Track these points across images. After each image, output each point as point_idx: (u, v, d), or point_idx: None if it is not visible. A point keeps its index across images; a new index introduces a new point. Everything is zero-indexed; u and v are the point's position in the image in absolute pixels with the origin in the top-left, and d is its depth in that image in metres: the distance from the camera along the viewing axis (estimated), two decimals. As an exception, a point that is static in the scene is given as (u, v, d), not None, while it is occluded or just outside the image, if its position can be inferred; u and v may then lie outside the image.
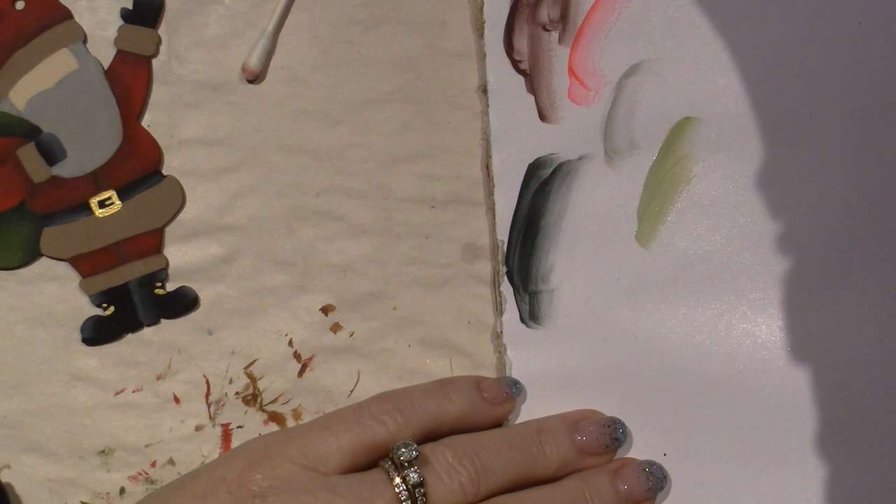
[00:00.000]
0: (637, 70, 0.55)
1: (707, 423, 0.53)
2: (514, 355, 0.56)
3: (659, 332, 0.54)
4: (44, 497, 0.58)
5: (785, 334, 0.53)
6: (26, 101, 0.56)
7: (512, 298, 0.57)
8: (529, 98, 0.57)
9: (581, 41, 0.55)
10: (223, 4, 0.59)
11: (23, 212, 0.57)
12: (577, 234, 0.56)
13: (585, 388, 0.55)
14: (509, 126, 0.57)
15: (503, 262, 0.57)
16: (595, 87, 0.56)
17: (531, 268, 0.56)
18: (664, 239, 0.55)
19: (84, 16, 0.58)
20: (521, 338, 0.56)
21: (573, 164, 0.56)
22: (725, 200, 0.54)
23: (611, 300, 0.55)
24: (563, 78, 0.56)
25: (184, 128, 0.58)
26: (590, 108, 0.56)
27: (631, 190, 0.55)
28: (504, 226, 0.57)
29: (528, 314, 0.56)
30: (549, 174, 0.56)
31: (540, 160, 0.56)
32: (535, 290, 0.56)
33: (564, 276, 0.56)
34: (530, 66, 0.56)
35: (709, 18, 0.54)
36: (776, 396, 0.52)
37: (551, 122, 0.56)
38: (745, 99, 0.54)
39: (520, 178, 0.57)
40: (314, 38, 0.59)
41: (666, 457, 0.53)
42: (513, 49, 0.56)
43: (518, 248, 0.56)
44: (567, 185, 0.56)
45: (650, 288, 0.55)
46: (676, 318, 0.54)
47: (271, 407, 0.59)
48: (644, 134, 0.55)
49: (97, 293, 0.58)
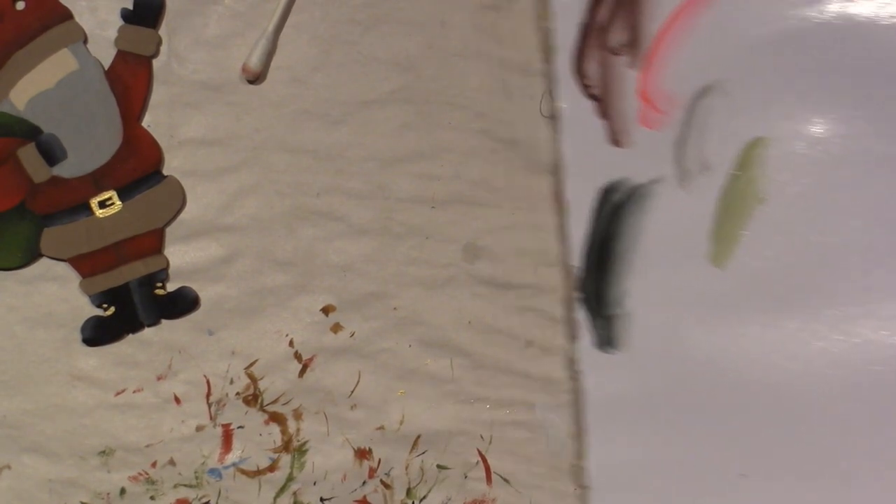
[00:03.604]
0: (708, 91, 0.55)
1: (785, 443, 0.53)
2: (590, 381, 0.56)
3: (734, 353, 0.54)
4: (44, 497, 0.58)
5: (861, 352, 0.53)
6: (27, 101, 0.56)
7: (587, 324, 0.57)
8: (600, 123, 0.57)
9: (652, 64, 0.55)
10: (223, 4, 0.58)
11: (23, 212, 0.57)
12: (650, 257, 0.56)
13: (663, 410, 0.55)
14: (581, 152, 0.57)
15: (577, 288, 0.57)
16: (666, 110, 0.56)
17: (606, 293, 0.56)
18: (738, 259, 0.55)
19: (84, 16, 0.57)
20: (597, 363, 0.56)
21: (645, 187, 0.56)
22: (799, 219, 0.54)
23: (686, 322, 0.55)
24: (634, 101, 0.56)
25: (184, 128, 0.58)
26: (661, 130, 0.56)
27: (704, 211, 0.55)
28: (577, 251, 0.57)
29: (603, 339, 0.57)
30: (622, 198, 0.56)
31: (612, 184, 0.56)
32: (609, 315, 0.56)
33: (639, 300, 0.56)
34: (601, 91, 0.56)
35: (781, 39, 0.54)
36: (854, 414, 0.52)
37: (623, 146, 0.56)
38: (817, 118, 0.54)
39: (592, 203, 0.57)
40: (314, 38, 0.59)
41: (743, 478, 0.54)
42: (583, 75, 0.56)
43: (592, 273, 0.56)
44: (640, 209, 0.56)
45: (725, 308, 0.55)
46: (752, 339, 0.54)
47: (272, 407, 0.59)
48: (716, 155, 0.55)
49: (97, 293, 0.58)
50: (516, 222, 0.59)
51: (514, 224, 0.59)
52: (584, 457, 0.57)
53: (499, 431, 0.59)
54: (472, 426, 0.59)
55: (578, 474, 0.58)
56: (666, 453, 0.56)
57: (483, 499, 0.60)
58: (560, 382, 0.59)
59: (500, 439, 0.59)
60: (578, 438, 0.58)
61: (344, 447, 0.59)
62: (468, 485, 0.60)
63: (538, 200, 0.59)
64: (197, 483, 0.59)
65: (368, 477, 0.59)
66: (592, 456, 0.56)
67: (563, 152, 0.57)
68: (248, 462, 0.59)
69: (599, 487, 0.56)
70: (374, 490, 0.59)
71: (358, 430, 0.59)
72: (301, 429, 0.59)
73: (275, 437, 0.59)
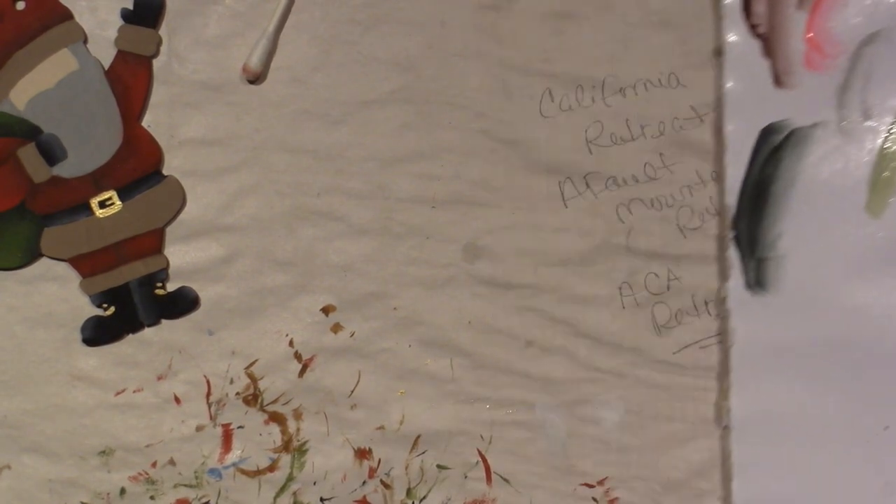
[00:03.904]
0: (875, 38, 0.55)
1: None
2: (737, 320, 0.56)
3: (885, 304, 0.55)
4: (44, 497, 0.58)
5: None
6: (27, 101, 0.56)
7: (738, 264, 0.57)
8: (765, 62, 0.56)
9: (820, 7, 0.55)
10: (223, 4, 0.58)
11: (23, 212, 0.57)
12: (806, 202, 0.56)
13: (807, 356, 0.56)
14: (744, 90, 0.57)
15: (731, 226, 0.57)
16: (832, 54, 0.56)
17: (759, 234, 0.56)
18: (895, 210, 0.55)
19: (84, 16, 0.57)
20: (745, 303, 0.56)
21: (806, 130, 0.56)
22: None
23: (838, 270, 0.55)
24: (800, 44, 0.56)
25: (184, 128, 0.58)
26: (826, 75, 0.56)
27: (863, 159, 0.55)
28: (733, 191, 0.57)
29: (754, 280, 0.57)
30: (781, 140, 0.56)
31: (773, 125, 0.56)
32: (762, 257, 0.56)
33: (792, 244, 0.56)
34: (768, 30, 0.56)
35: None
36: None
37: (786, 87, 0.56)
38: None
39: (751, 143, 0.57)
40: (314, 38, 0.59)
41: (887, 430, 0.54)
42: (751, 13, 0.56)
43: (747, 213, 0.57)
44: (798, 153, 0.56)
45: (878, 259, 0.55)
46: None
47: (272, 407, 0.59)
48: (879, 103, 0.55)
49: (97, 293, 0.58)
50: (516, 222, 0.59)
51: (514, 224, 0.59)
52: (727, 398, 0.57)
53: (499, 431, 0.59)
54: (472, 426, 0.59)
55: (721, 414, 0.58)
56: (809, 400, 0.56)
57: (483, 499, 0.60)
58: (560, 382, 0.59)
59: (500, 439, 0.59)
60: (723, 378, 0.58)
61: (344, 447, 0.59)
62: (468, 485, 0.60)
63: (538, 200, 0.59)
64: (197, 483, 0.59)
65: (368, 477, 0.59)
66: (735, 397, 0.57)
67: (725, 90, 0.57)
68: (248, 462, 0.59)
69: (741, 429, 0.57)
70: (374, 490, 0.59)
71: (358, 430, 0.59)
72: (301, 429, 0.59)
73: (275, 437, 0.59)
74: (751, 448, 0.56)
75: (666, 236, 0.59)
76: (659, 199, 0.59)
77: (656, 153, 0.59)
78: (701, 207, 0.59)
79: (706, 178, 0.59)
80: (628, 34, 0.59)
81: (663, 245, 0.59)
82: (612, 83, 0.59)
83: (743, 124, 0.57)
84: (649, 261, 0.59)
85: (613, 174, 0.59)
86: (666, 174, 0.59)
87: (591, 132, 0.59)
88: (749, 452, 0.56)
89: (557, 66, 0.59)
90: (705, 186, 0.59)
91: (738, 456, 0.57)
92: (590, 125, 0.59)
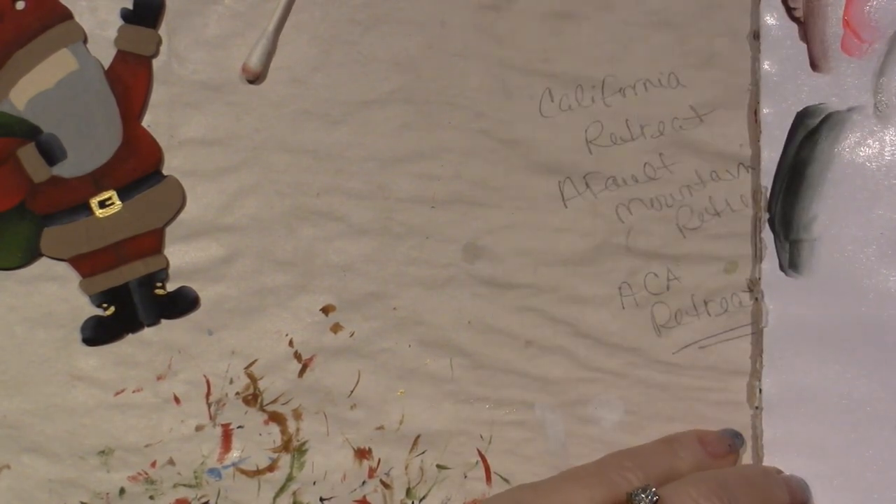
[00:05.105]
0: None
1: None
2: (771, 302, 0.57)
3: None
4: (44, 497, 0.58)
5: None
6: (26, 101, 0.56)
7: (772, 245, 0.57)
8: (802, 46, 0.57)
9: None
10: (223, 4, 0.59)
11: (23, 212, 0.57)
12: (841, 186, 0.56)
13: (841, 340, 0.56)
14: (780, 73, 0.57)
15: (765, 208, 0.57)
16: (869, 39, 0.56)
17: (794, 216, 0.57)
18: None
19: (84, 16, 0.58)
20: (779, 285, 0.57)
21: (842, 115, 0.56)
22: None
23: (872, 254, 0.56)
24: (837, 28, 0.56)
25: (184, 128, 0.58)
26: (862, 59, 0.56)
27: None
28: (769, 173, 0.57)
29: (787, 262, 0.57)
30: (817, 124, 0.56)
31: (808, 109, 0.57)
32: (796, 239, 0.57)
33: (827, 227, 0.56)
34: (805, 14, 0.56)
35: None
36: None
37: (822, 71, 0.56)
38: None
39: (787, 126, 0.57)
40: (314, 38, 0.59)
41: None
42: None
43: (781, 195, 0.57)
44: (834, 136, 0.56)
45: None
46: None
47: (272, 407, 0.59)
48: None
49: (97, 293, 0.58)
50: (516, 222, 0.59)
51: (514, 224, 0.59)
52: (759, 378, 0.57)
53: (499, 431, 0.59)
54: (472, 426, 0.59)
55: (753, 396, 0.58)
56: (840, 383, 0.56)
57: (483, 499, 0.60)
58: (560, 382, 0.59)
59: (500, 439, 0.59)
60: (755, 359, 0.58)
61: (344, 447, 0.59)
62: (468, 485, 0.60)
63: (538, 200, 0.59)
64: (196, 483, 0.59)
65: (368, 477, 0.59)
66: (767, 378, 0.57)
67: (761, 73, 0.57)
68: (248, 462, 0.59)
69: (772, 410, 0.57)
70: (373, 490, 0.59)
71: (358, 430, 0.59)
72: (301, 429, 0.59)
73: (274, 437, 0.59)
74: (782, 428, 0.57)
75: (666, 236, 0.59)
76: (659, 199, 0.59)
77: (656, 153, 0.59)
78: (701, 207, 0.59)
79: (706, 178, 0.59)
80: (628, 34, 0.59)
81: (663, 245, 0.59)
82: (612, 83, 0.59)
83: (779, 107, 0.57)
84: (649, 261, 0.59)
85: (613, 174, 0.59)
86: (666, 174, 0.59)
87: (591, 132, 0.59)
88: (780, 433, 0.57)
89: (557, 66, 0.59)
90: (705, 186, 0.59)
91: (768, 436, 0.57)
92: (589, 125, 0.59)
